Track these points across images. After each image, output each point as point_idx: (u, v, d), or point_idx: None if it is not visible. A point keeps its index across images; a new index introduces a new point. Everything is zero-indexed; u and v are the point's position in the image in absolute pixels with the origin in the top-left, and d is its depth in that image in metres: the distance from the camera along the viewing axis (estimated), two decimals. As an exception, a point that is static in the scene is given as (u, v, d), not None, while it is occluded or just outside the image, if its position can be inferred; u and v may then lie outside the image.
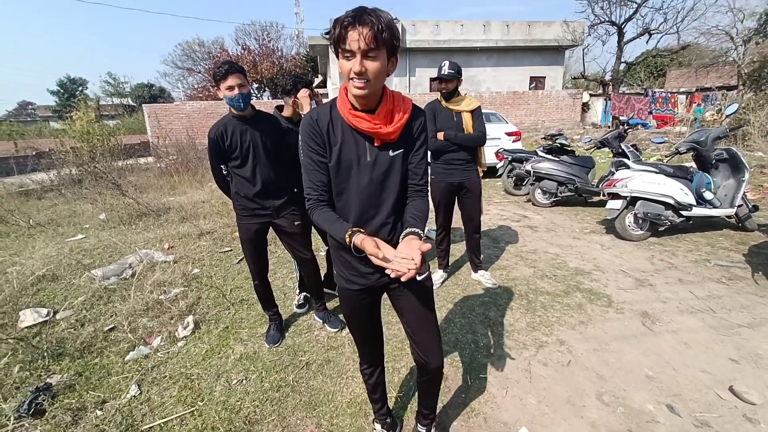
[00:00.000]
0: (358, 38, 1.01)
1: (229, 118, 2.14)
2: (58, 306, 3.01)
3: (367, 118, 1.17)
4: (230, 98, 2.02)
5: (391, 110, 1.19)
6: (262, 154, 2.18)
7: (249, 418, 1.85)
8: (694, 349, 2.27)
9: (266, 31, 26.41)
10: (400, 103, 1.21)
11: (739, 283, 3.05)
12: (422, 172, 1.29)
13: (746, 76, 13.23)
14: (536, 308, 2.78)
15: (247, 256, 2.40)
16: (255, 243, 2.35)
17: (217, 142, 2.11)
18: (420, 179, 1.29)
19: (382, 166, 1.23)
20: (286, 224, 2.35)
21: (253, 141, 2.15)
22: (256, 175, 2.19)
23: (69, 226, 5.39)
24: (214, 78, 2.04)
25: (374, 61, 1.05)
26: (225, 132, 2.11)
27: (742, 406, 1.83)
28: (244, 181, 2.21)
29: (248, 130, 2.15)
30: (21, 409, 1.89)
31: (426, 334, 1.40)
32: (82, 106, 10.29)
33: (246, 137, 2.14)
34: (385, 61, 1.08)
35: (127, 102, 36.76)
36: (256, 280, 2.44)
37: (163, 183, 8.16)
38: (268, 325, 2.56)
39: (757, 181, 5.83)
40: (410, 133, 1.25)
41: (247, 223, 2.30)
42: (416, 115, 1.25)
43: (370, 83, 1.07)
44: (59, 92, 37.13)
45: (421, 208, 1.28)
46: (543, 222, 4.97)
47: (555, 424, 1.77)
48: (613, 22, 15.51)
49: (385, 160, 1.23)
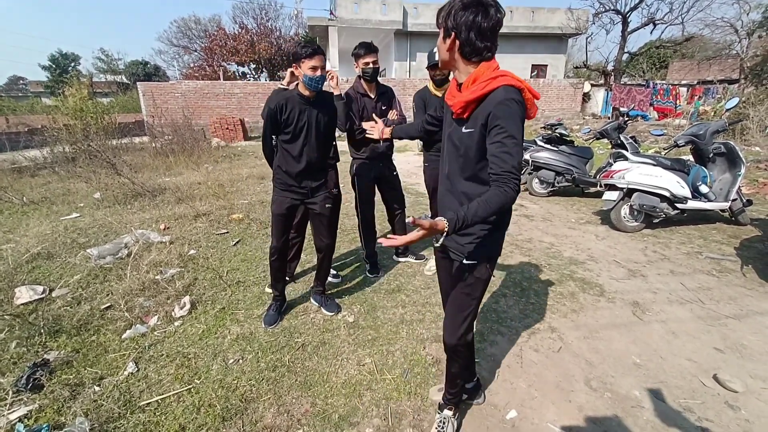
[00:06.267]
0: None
1: (292, 94, 2.21)
2: (53, 284, 3.01)
3: (452, 89, 1.31)
4: (311, 77, 2.11)
5: (468, 86, 1.23)
6: (313, 135, 2.28)
7: (245, 397, 1.89)
8: (681, 338, 2.33)
9: (264, 9, 25.87)
10: (482, 82, 1.18)
11: (728, 276, 3.10)
12: (499, 161, 1.15)
13: (749, 70, 13.15)
14: (530, 296, 2.82)
15: (274, 229, 2.44)
16: (284, 218, 2.41)
17: (275, 113, 2.18)
18: (497, 168, 1.15)
19: (454, 139, 1.32)
20: (317, 206, 2.42)
21: (308, 121, 2.24)
22: (302, 155, 2.28)
23: (63, 205, 5.35)
24: (296, 56, 2.13)
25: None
26: (285, 106, 2.18)
27: (725, 393, 1.89)
28: (290, 158, 2.29)
29: (307, 110, 2.23)
30: (19, 384, 1.91)
31: (449, 312, 1.51)
32: (75, 83, 10.08)
33: (303, 117, 2.22)
34: (443, 42, 1.24)
35: (120, 79, 35.92)
36: (274, 256, 2.47)
37: (159, 163, 8.07)
38: (269, 305, 2.58)
39: (752, 176, 5.87)
40: (483, 115, 1.19)
41: (282, 197, 2.37)
42: (494, 97, 1.16)
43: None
44: (51, 67, 36.22)
45: (486, 197, 1.14)
46: (539, 211, 5.00)
47: (544, 408, 1.82)
48: (618, 10, 15.26)
49: (458, 135, 1.30)
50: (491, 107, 1.16)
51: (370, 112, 2.76)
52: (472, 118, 1.24)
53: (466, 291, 1.43)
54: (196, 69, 26.20)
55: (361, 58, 2.67)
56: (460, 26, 1.17)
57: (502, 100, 1.15)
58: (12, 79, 44.73)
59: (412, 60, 17.84)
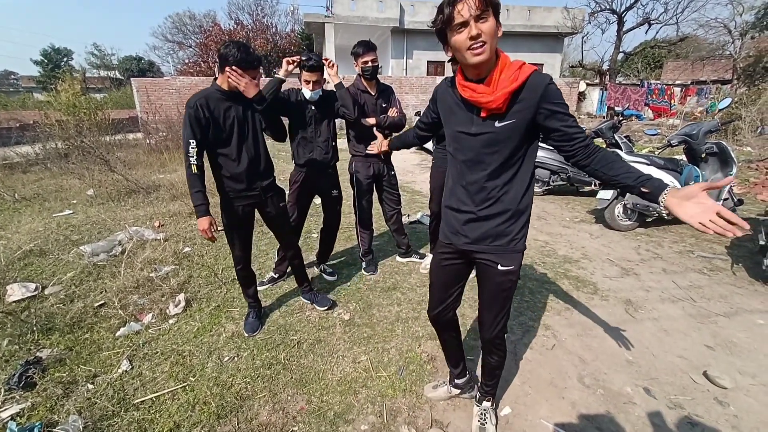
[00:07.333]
0: (466, 6, 1.05)
1: (210, 91, 2.01)
2: (46, 281, 2.98)
3: (471, 87, 1.19)
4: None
5: (498, 79, 1.15)
6: (249, 131, 2.12)
7: (240, 394, 1.89)
8: (672, 335, 2.36)
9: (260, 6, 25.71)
10: (513, 72, 1.14)
11: (719, 274, 3.15)
12: (582, 133, 1.19)
13: (741, 71, 13.29)
14: (524, 294, 2.84)
15: (232, 242, 2.30)
16: (240, 227, 2.28)
17: (199, 112, 1.95)
18: (585, 139, 1.19)
19: (486, 136, 1.23)
20: (271, 207, 2.32)
21: (237, 117, 2.06)
22: (242, 153, 2.11)
23: (56, 201, 5.29)
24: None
25: (486, 23, 1.07)
26: (206, 105, 1.96)
27: (714, 390, 1.92)
28: (228, 161, 2.11)
29: (232, 106, 2.05)
30: (11, 382, 1.89)
31: (488, 312, 1.50)
32: (67, 78, 9.94)
33: (230, 113, 2.04)
34: (495, 22, 1.09)
35: (114, 75, 35.48)
36: (240, 265, 2.35)
37: (153, 160, 7.99)
38: (248, 312, 2.49)
39: (743, 176, 5.94)
40: (530, 103, 1.16)
41: (232, 208, 2.20)
42: (536, 83, 1.15)
43: (487, 45, 1.08)
44: (43, 62, 35.69)
45: (620, 162, 1.17)
46: (534, 210, 5.01)
47: (537, 404, 1.84)
48: (614, 10, 15.36)
49: (493, 131, 1.21)
50: (537, 94, 1.14)
51: (370, 108, 2.78)
52: (512, 111, 1.18)
53: (505, 294, 1.41)
54: (191, 65, 25.97)
55: (360, 57, 2.67)
56: (497, 2, 1.09)
57: (547, 84, 1.15)
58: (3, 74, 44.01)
59: (409, 58, 17.77)
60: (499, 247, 1.33)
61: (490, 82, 1.15)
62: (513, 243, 1.33)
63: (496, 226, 1.31)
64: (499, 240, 1.33)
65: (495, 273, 1.36)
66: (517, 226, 1.32)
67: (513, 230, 1.32)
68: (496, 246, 1.34)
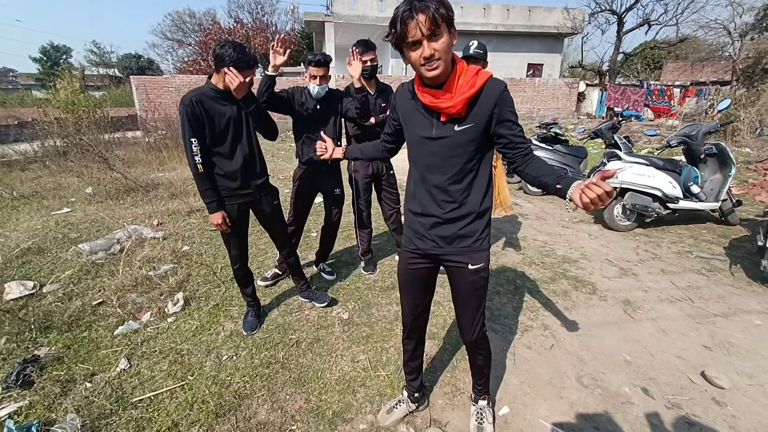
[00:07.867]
0: (418, 27, 1.06)
1: (204, 90, 2.02)
2: (44, 279, 2.98)
3: (431, 93, 1.21)
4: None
5: (456, 85, 1.18)
6: (243, 130, 2.14)
7: (239, 393, 1.89)
8: (671, 336, 2.36)
9: (260, 4, 25.60)
10: (470, 78, 1.18)
11: (717, 275, 3.15)
12: (523, 141, 1.26)
13: (740, 72, 13.31)
14: (523, 293, 2.84)
15: (227, 242, 2.28)
16: (235, 227, 2.23)
17: (195, 108, 1.95)
18: (525, 148, 1.26)
19: (447, 140, 1.26)
20: (266, 206, 2.32)
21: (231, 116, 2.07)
22: (236, 152, 2.11)
23: (54, 199, 5.28)
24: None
25: (439, 40, 1.10)
26: (200, 103, 1.97)
27: (712, 390, 1.92)
28: (223, 160, 2.09)
29: (227, 105, 2.06)
30: (9, 380, 1.89)
31: (464, 315, 1.51)
32: (66, 75, 9.92)
33: (225, 112, 2.05)
34: (448, 36, 1.11)
35: (113, 73, 35.38)
36: (237, 264, 2.34)
37: (152, 158, 7.97)
38: (246, 311, 2.49)
39: (742, 177, 5.95)
40: (486, 108, 1.21)
41: (228, 207, 2.16)
42: (492, 88, 1.20)
43: (441, 61, 1.12)
44: (42, 60, 35.59)
45: (547, 166, 1.25)
46: (533, 210, 5.03)
47: (536, 404, 1.84)
48: (614, 11, 15.38)
49: (452, 135, 1.25)
50: (494, 99, 1.20)
51: (369, 108, 2.77)
52: (471, 115, 1.22)
53: (480, 292, 1.44)
54: (191, 63, 25.92)
55: (360, 56, 2.66)
56: (450, 14, 1.10)
57: (502, 90, 1.20)
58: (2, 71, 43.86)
59: (408, 57, 17.77)
60: (466, 248, 1.37)
61: (449, 88, 1.19)
62: (478, 242, 1.37)
63: (460, 228, 1.35)
64: (465, 241, 1.37)
65: (466, 273, 1.40)
66: (480, 227, 1.37)
67: (477, 230, 1.37)
68: (462, 247, 1.38)
